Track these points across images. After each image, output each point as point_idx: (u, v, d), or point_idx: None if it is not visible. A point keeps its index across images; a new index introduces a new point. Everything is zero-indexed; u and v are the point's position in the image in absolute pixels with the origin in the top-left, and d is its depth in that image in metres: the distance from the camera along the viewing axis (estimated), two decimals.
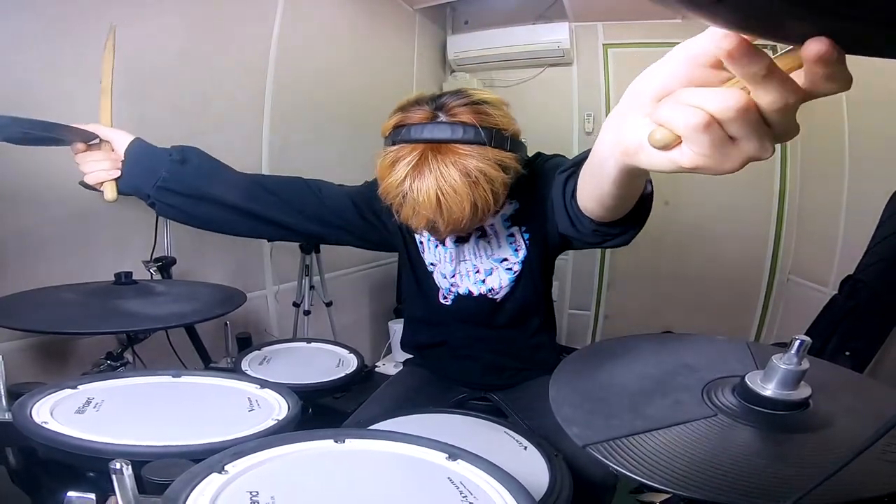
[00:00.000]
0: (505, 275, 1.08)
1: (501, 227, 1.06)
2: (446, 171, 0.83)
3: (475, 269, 1.09)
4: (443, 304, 1.16)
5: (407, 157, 0.85)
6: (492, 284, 1.09)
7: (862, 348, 1.62)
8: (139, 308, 0.97)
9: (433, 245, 1.11)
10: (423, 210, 0.85)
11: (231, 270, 1.86)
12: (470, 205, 0.84)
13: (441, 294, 1.15)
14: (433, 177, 0.83)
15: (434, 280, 1.14)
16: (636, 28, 2.79)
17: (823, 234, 2.22)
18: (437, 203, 0.83)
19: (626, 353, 0.78)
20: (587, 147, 2.21)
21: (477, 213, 0.86)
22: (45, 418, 0.68)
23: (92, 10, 1.36)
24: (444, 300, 1.16)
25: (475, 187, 0.84)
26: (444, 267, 1.11)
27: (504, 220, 1.05)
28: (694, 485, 0.49)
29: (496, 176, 0.85)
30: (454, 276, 1.11)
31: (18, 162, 1.25)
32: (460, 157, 0.83)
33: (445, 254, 1.09)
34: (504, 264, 1.08)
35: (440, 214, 0.84)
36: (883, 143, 1.85)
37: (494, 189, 0.86)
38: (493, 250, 1.07)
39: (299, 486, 0.57)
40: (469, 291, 1.11)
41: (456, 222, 0.86)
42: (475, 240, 1.06)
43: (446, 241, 1.05)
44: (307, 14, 2.06)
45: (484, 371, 1.21)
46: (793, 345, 0.58)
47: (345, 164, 2.35)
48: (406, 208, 0.87)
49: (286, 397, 0.84)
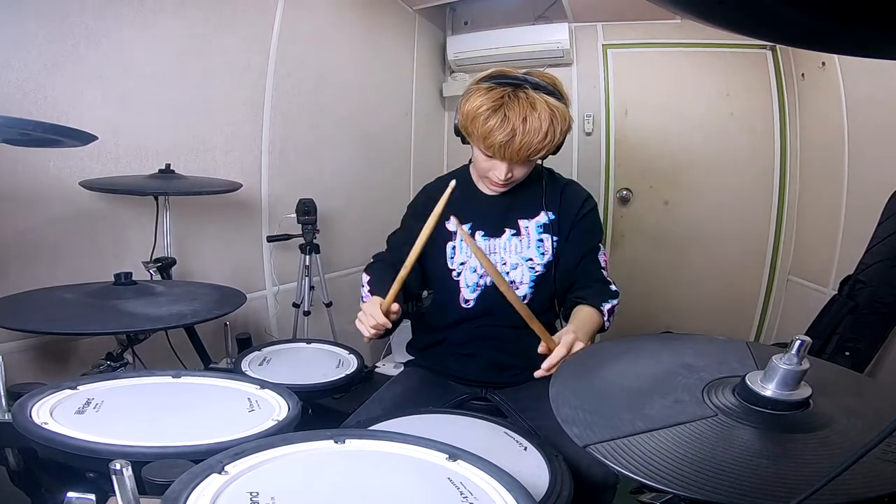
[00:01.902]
0: (528, 273, 1.19)
1: (535, 231, 1.20)
2: (537, 99, 1.05)
3: (503, 261, 1.20)
4: (464, 309, 1.21)
5: (505, 90, 1.05)
6: (514, 277, 1.19)
7: (862, 348, 1.62)
8: (139, 308, 0.97)
9: (465, 245, 1.21)
10: (512, 119, 1.03)
11: (231, 271, 1.86)
12: (547, 126, 1.04)
13: (462, 298, 1.21)
14: (528, 101, 1.04)
15: (458, 285, 1.21)
16: (636, 28, 2.79)
17: (823, 234, 2.22)
18: (524, 119, 1.03)
19: (626, 353, 0.78)
20: (587, 147, 2.25)
21: (545, 139, 1.05)
22: (45, 419, 0.68)
23: (92, 10, 1.36)
24: (465, 304, 1.21)
25: (553, 118, 1.05)
26: (474, 261, 1.20)
27: (538, 226, 1.20)
28: (694, 485, 0.49)
29: (563, 121, 1.07)
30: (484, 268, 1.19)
31: (18, 162, 1.25)
32: (545, 97, 1.06)
33: None
34: (528, 263, 1.20)
35: (524, 125, 1.03)
36: (883, 143, 1.85)
37: (560, 129, 1.07)
38: (523, 249, 1.20)
39: (299, 486, 0.57)
40: None
41: (534, 133, 1.04)
42: (509, 237, 1.20)
43: (476, 236, 1.20)
44: (307, 14, 2.06)
45: (485, 369, 1.22)
46: (793, 345, 0.58)
47: (345, 164, 2.35)
48: (494, 120, 1.04)
49: (286, 398, 0.84)
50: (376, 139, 2.54)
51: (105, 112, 1.42)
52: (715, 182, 2.77)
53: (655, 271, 2.92)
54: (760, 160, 2.65)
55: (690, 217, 2.83)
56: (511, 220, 1.21)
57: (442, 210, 0.95)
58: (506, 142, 1.04)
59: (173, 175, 1.44)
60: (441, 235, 1.21)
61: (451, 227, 1.16)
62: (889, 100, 1.80)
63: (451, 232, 1.23)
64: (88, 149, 1.32)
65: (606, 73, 2.86)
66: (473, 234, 1.21)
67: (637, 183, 2.91)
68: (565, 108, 1.09)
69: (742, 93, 2.66)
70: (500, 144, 1.05)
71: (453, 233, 1.23)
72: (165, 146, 1.59)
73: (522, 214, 1.21)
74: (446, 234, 1.23)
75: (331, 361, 1.29)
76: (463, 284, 1.21)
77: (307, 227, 1.91)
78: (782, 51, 2.56)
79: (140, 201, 1.49)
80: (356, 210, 2.42)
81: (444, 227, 1.23)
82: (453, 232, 1.23)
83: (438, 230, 1.21)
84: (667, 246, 2.89)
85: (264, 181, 1.96)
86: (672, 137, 2.81)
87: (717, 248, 2.80)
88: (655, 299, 2.94)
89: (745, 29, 0.32)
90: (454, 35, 3.06)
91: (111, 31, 1.41)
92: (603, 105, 2.88)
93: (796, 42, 0.31)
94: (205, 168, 1.71)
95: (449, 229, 1.22)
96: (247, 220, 1.94)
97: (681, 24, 2.68)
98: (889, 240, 1.64)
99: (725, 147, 2.72)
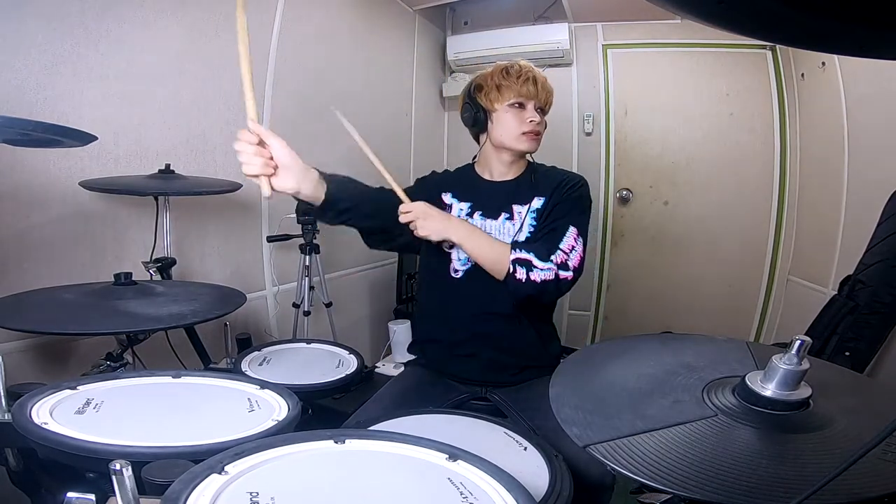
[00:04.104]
0: None
1: (528, 217, 1.23)
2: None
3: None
4: (453, 278, 1.23)
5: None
6: None
7: (862, 348, 1.62)
8: (139, 308, 0.97)
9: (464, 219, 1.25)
10: (525, 66, 1.27)
11: (231, 271, 1.86)
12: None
13: (452, 268, 1.24)
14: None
15: (450, 256, 1.25)
16: (636, 28, 2.79)
17: (823, 234, 2.22)
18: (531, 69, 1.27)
19: (626, 353, 0.78)
20: (587, 147, 2.28)
21: (550, 90, 1.29)
22: (45, 419, 0.68)
23: (92, 10, 1.36)
24: (454, 273, 1.24)
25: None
26: None
27: (532, 212, 1.23)
28: (694, 485, 0.49)
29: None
30: None
31: (18, 162, 1.25)
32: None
33: (472, 224, 1.23)
34: None
35: (534, 70, 1.27)
36: (883, 143, 1.85)
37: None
38: (514, 233, 1.22)
39: (299, 486, 0.57)
40: None
41: (542, 78, 1.28)
42: (503, 221, 1.24)
43: (475, 216, 1.25)
44: (307, 14, 2.06)
45: (485, 369, 1.22)
46: (793, 345, 0.58)
47: (345, 164, 2.35)
48: (515, 68, 1.26)
49: (286, 398, 0.84)
50: (376, 139, 2.52)
51: (105, 112, 1.42)
52: (715, 182, 2.77)
53: (655, 271, 2.93)
54: (760, 160, 2.65)
55: (690, 217, 2.83)
56: (507, 206, 1.24)
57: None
58: (531, 78, 1.24)
59: (173, 175, 1.44)
60: (437, 207, 1.22)
61: (340, 117, 1.23)
62: (889, 100, 1.80)
63: (448, 204, 1.28)
64: (88, 149, 1.32)
65: (606, 73, 2.86)
66: (472, 214, 1.26)
67: (637, 183, 2.91)
68: None
69: (742, 93, 2.66)
70: (528, 80, 1.24)
71: (450, 206, 1.28)
72: (165, 146, 1.59)
73: (518, 200, 1.24)
74: (442, 206, 1.26)
75: (331, 361, 1.29)
76: (454, 256, 1.24)
77: (307, 227, 1.91)
78: (782, 51, 2.56)
79: (140, 201, 1.49)
80: None
81: (442, 199, 1.29)
82: (449, 205, 1.28)
83: (435, 201, 1.26)
84: (667, 246, 2.89)
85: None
86: (672, 137, 2.81)
87: (717, 248, 2.80)
88: (655, 299, 2.94)
89: (745, 29, 0.32)
90: (454, 35, 3.06)
91: (111, 31, 1.41)
92: (603, 105, 2.88)
93: (796, 42, 0.31)
94: (205, 168, 1.71)
95: (444, 201, 1.28)
96: (247, 220, 1.93)
97: (681, 24, 2.68)
98: (889, 240, 1.64)
99: (725, 147, 2.72)
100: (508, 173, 1.29)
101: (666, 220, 2.88)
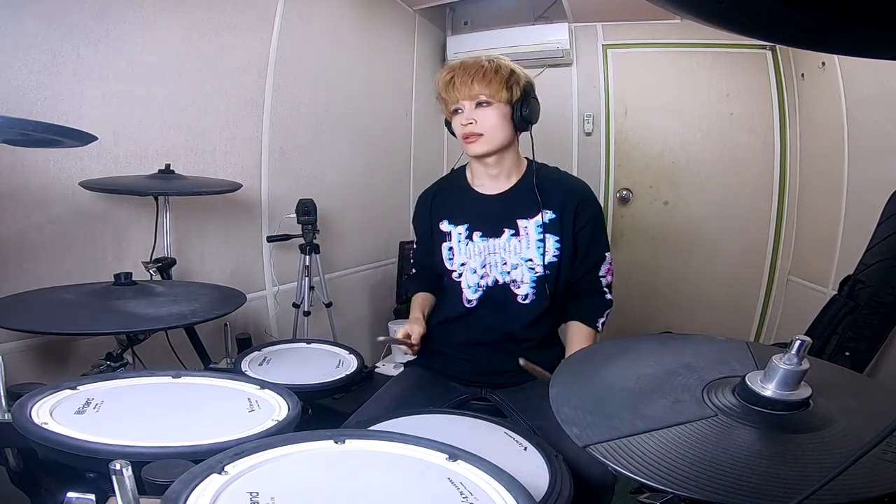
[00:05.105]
0: (528, 273, 1.20)
1: (534, 232, 1.19)
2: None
3: (503, 261, 1.21)
4: (467, 308, 1.23)
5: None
6: (515, 277, 1.20)
7: (862, 348, 1.62)
8: (139, 309, 0.97)
9: (464, 245, 1.23)
10: (455, 65, 1.18)
11: (231, 271, 1.86)
12: (487, 64, 1.16)
13: (465, 298, 1.23)
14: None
15: (460, 286, 1.23)
16: (636, 28, 2.79)
17: (823, 234, 2.22)
18: (463, 62, 1.18)
19: (626, 353, 0.78)
20: (587, 147, 2.27)
21: (484, 76, 1.14)
22: (45, 419, 0.68)
23: (92, 10, 1.36)
24: (468, 304, 1.23)
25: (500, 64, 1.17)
26: (473, 262, 1.22)
27: (538, 226, 1.19)
28: (694, 485, 0.49)
29: (511, 69, 1.18)
30: (484, 268, 1.22)
31: (18, 162, 1.25)
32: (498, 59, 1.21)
33: (474, 248, 1.22)
34: (528, 264, 1.20)
35: (462, 64, 1.17)
36: (882, 143, 1.85)
37: (508, 73, 1.17)
38: (522, 250, 1.20)
39: (299, 486, 0.57)
40: (496, 281, 1.22)
41: (472, 66, 1.16)
42: (508, 238, 1.20)
43: (474, 237, 1.22)
44: (307, 14, 2.06)
45: (485, 370, 1.22)
46: (793, 345, 0.58)
47: (345, 164, 2.35)
48: (444, 71, 1.20)
49: (286, 398, 0.84)
50: (376, 139, 2.54)
51: (105, 112, 1.42)
52: (715, 182, 2.77)
53: (655, 271, 2.93)
54: (760, 160, 2.65)
55: (690, 217, 2.83)
56: (510, 220, 1.20)
57: None
58: (451, 79, 1.16)
59: (173, 175, 1.44)
60: (438, 237, 1.25)
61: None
62: (889, 100, 1.80)
63: (446, 233, 1.24)
64: (88, 149, 1.32)
65: (606, 73, 2.86)
66: (472, 235, 1.22)
67: (637, 183, 2.91)
68: (521, 69, 1.20)
69: (742, 93, 2.66)
70: (450, 83, 1.16)
71: (448, 233, 1.24)
72: (165, 146, 1.59)
73: (521, 214, 1.20)
74: (442, 236, 1.24)
75: (331, 361, 1.29)
76: (465, 285, 1.22)
77: (307, 228, 1.91)
78: (782, 51, 2.56)
79: (140, 201, 1.49)
80: (356, 210, 2.42)
81: (440, 228, 1.24)
82: (448, 232, 1.24)
83: (435, 232, 1.26)
84: (667, 246, 2.89)
85: (264, 181, 1.96)
86: (672, 137, 2.81)
87: (717, 248, 2.80)
88: (655, 299, 2.94)
89: (745, 29, 0.32)
90: (454, 35, 3.06)
91: (111, 31, 1.41)
92: (603, 105, 2.89)
93: (796, 42, 0.31)
94: (205, 168, 1.71)
95: (442, 230, 1.24)
96: (247, 221, 1.93)
97: (681, 24, 2.68)
98: (889, 240, 1.64)
99: (725, 147, 2.72)
100: (503, 184, 1.23)
101: (666, 221, 2.88)
